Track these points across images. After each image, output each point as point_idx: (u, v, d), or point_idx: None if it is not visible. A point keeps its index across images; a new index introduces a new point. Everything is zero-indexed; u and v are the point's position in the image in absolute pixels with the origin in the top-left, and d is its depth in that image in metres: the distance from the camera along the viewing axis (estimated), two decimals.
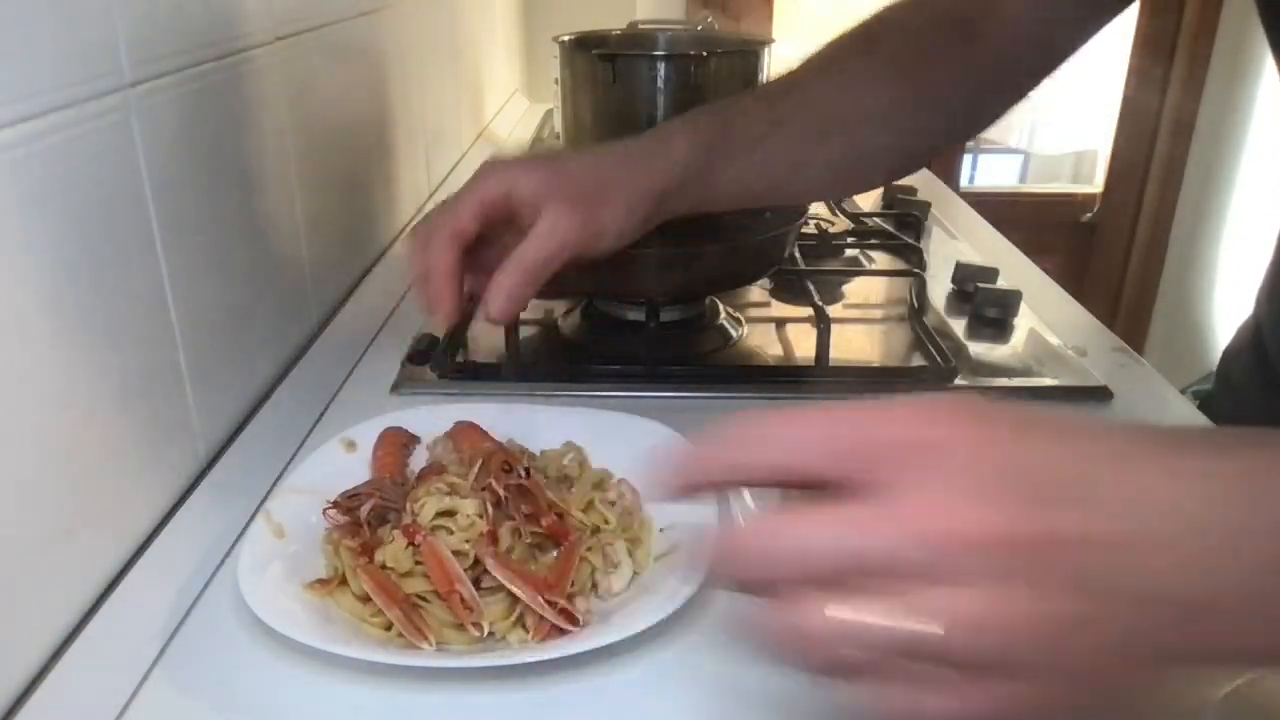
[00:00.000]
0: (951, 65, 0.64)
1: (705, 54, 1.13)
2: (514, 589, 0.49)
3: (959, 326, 0.88)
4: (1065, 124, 2.91)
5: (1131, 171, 2.62)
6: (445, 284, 0.56)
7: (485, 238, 0.57)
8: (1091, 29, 0.64)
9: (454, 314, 0.57)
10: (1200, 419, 0.75)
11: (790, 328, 0.90)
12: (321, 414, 0.73)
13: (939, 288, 0.96)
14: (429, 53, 1.29)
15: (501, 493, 0.53)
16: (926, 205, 1.24)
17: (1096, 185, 2.74)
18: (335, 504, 0.55)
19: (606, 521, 0.55)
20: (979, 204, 1.28)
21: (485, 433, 0.62)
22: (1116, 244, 2.69)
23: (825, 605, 0.29)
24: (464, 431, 0.62)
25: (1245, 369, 0.80)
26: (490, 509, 0.52)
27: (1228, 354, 0.85)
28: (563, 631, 0.48)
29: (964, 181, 2.83)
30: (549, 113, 1.76)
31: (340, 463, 0.61)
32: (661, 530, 0.56)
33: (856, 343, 0.88)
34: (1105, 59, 2.63)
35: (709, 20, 1.44)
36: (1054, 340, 0.85)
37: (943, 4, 0.66)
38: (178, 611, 0.52)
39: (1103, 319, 0.92)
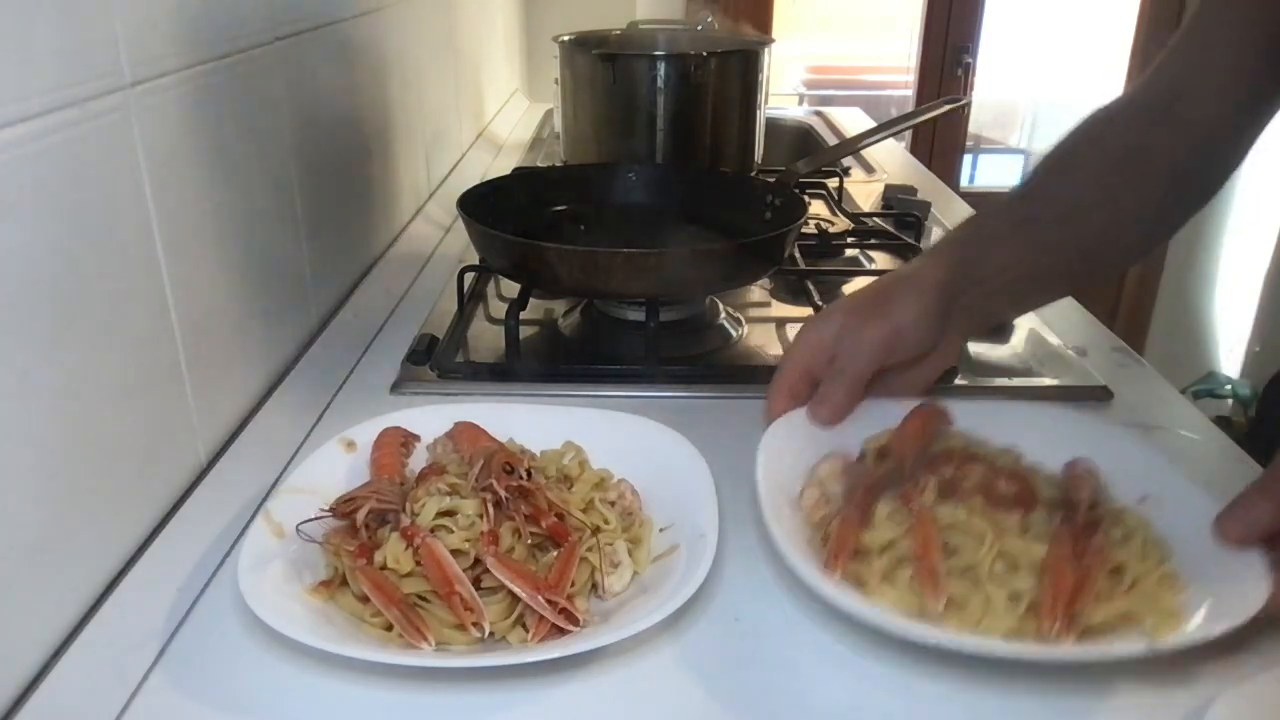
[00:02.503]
0: (1152, 153, 0.66)
1: (705, 54, 1.13)
2: (514, 589, 0.49)
3: None
4: (1066, 123, 2.91)
5: None
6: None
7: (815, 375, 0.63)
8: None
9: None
10: (1200, 418, 0.75)
11: (790, 328, 0.90)
12: (321, 414, 0.73)
13: None
14: (429, 53, 1.29)
15: (502, 493, 0.52)
16: (926, 205, 1.24)
17: None
18: (332, 509, 0.54)
19: (606, 521, 0.55)
20: (979, 203, 1.28)
21: (485, 433, 0.62)
22: None
23: None
24: (464, 431, 0.62)
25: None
26: (490, 509, 0.52)
27: (1274, 381, 0.85)
28: (563, 631, 0.48)
29: (964, 181, 2.83)
30: (549, 113, 1.76)
31: (340, 463, 0.61)
32: (661, 530, 0.56)
33: None
34: (1107, 58, 2.63)
35: (709, 20, 1.44)
36: (1054, 340, 0.85)
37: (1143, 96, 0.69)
38: (178, 611, 0.52)
39: (1103, 319, 0.93)
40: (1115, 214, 0.66)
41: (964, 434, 0.61)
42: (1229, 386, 2.19)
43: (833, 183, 1.28)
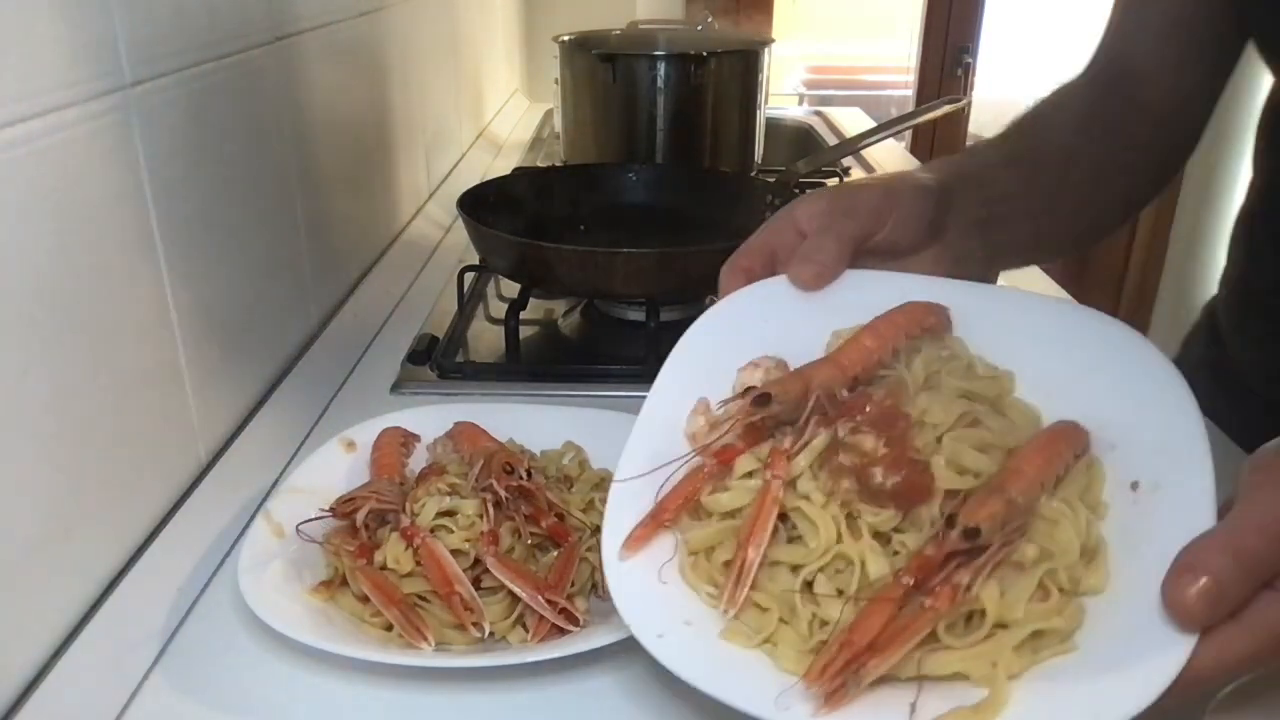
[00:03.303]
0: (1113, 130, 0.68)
1: (705, 54, 1.14)
2: (514, 589, 0.49)
3: None
4: None
5: None
6: None
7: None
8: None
9: None
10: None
11: None
12: (321, 414, 0.73)
13: None
14: (429, 53, 1.29)
15: (502, 493, 0.52)
16: None
17: None
18: (332, 509, 0.54)
19: None
20: None
21: (485, 433, 0.62)
22: (1117, 243, 2.69)
23: None
24: (464, 431, 0.62)
25: (1203, 346, 0.83)
26: (491, 509, 0.52)
27: (1189, 335, 0.88)
28: (563, 631, 0.48)
29: None
30: (549, 113, 1.76)
31: (340, 463, 0.61)
32: None
33: None
34: None
35: (709, 20, 1.44)
36: None
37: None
38: (178, 611, 0.52)
39: None
40: (1086, 170, 0.66)
41: (954, 345, 0.49)
42: None
43: (833, 183, 1.28)
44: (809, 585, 0.41)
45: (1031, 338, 0.49)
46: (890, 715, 0.36)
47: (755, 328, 0.51)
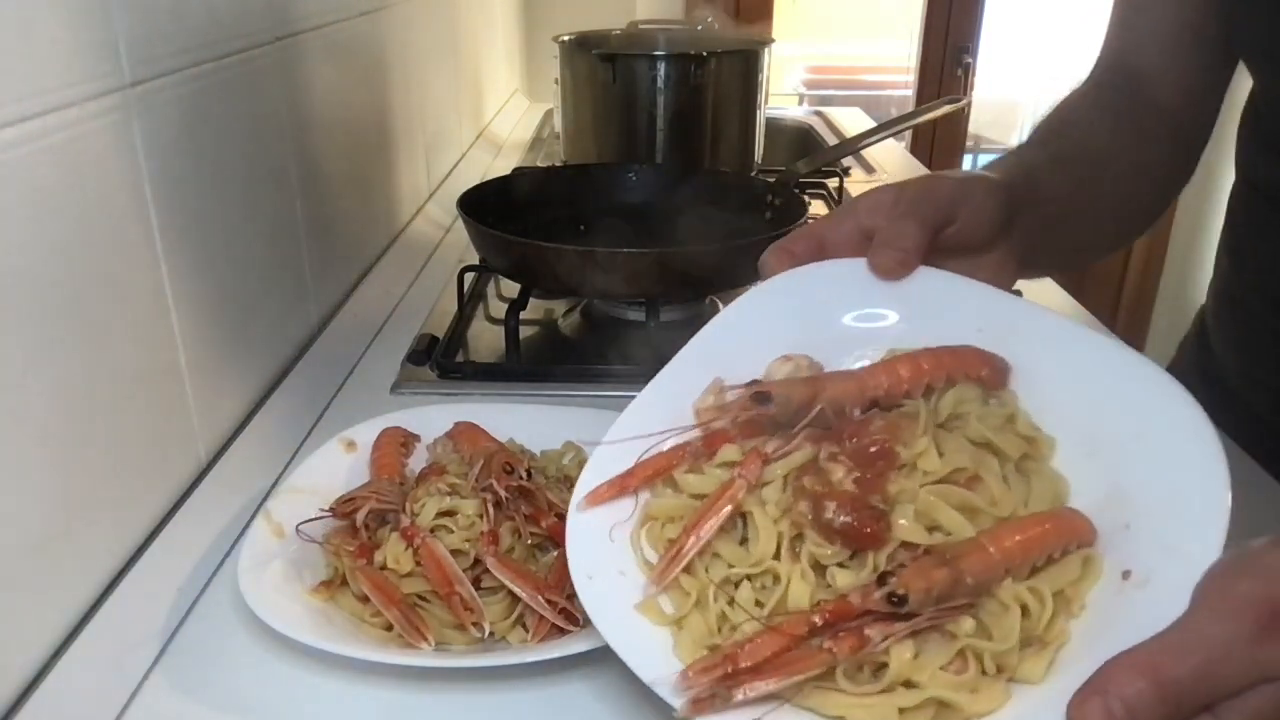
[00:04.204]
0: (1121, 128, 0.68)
1: (705, 54, 1.13)
2: (514, 589, 0.49)
3: None
4: None
5: None
6: None
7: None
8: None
9: None
10: None
11: None
12: (321, 414, 0.73)
13: None
14: (429, 53, 1.29)
15: (502, 493, 0.52)
16: None
17: None
18: (332, 509, 0.54)
19: None
20: None
21: (485, 433, 0.62)
22: None
23: None
24: (464, 431, 0.62)
25: (1194, 350, 0.83)
26: (490, 509, 0.52)
27: (1184, 341, 0.88)
28: (563, 631, 0.48)
29: None
30: (549, 113, 1.76)
31: (340, 463, 0.61)
32: None
33: None
34: None
35: (709, 20, 1.44)
36: None
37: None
38: (178, 611, 0.52)
39: (1103, 319, 0.92)
40: (1122, 169, 0.66)
41: (1005, 397, 0.46)
42: None
43: (833, 183, 1.28)
44: (735, 585, 0.41)
45: (1088, 386, 0.45)
46: None
47: (798, 312, 0.49)
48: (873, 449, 0.42)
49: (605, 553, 0.43)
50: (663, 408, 0.47)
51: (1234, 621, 0.33)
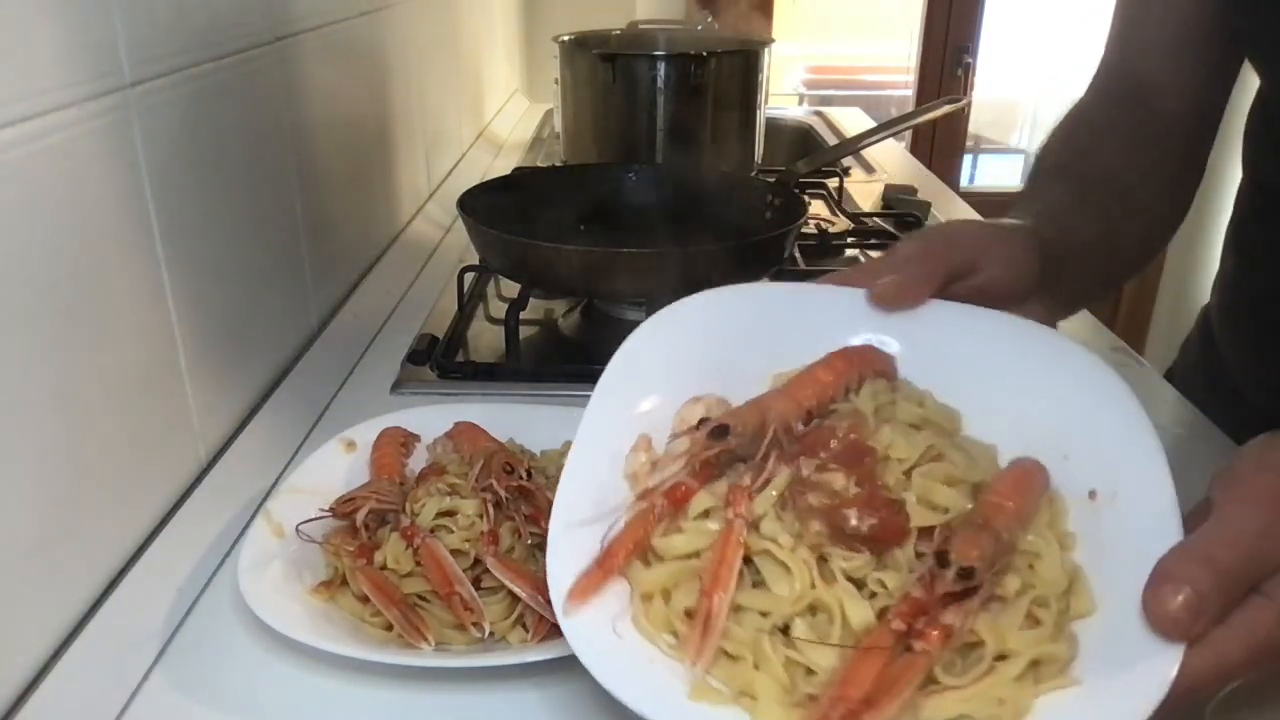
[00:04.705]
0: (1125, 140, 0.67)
1: (705, 54, 1.14)
2: (514, 589, 0.49)
3: None
4: None
5: None
6: None
7: None
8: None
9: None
10: (1201, 419, 0.75)
11: None
12: (321, 414, 0.73)
13: None
14: (429, 53, 1.29)
15: (502, 493, 0.52)
16: (926, 205, 1.23)
17: None
18: (332, 509, 0.54)
19: None
20: (979, 204, 1.28)
21: (485, 433, 0.62)
22: None
23: None
24: (464, 431, 0.62)
25: (1197, 351, 0.83)
26: (490, 509, 0.52)
27: (1186, 340, 0.88)
28: (563, 631, 0.48)
29: (964, 181, 2.83)
30: (549, 113, 1.76)
31: (340, 463, 0.61)
32: None
33: None
34: None
35: (709, 20, 1.44)
36: None
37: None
38: (178, 611, 0.52)
39: (1103, 319, 0.92)
40: (1143, 193, 0.66)
41: (903, 388, 0.48)
42: None
43: (833, 183, 1.28)
44: (783, 631, 0.38)
45: (974, 350, 0.48)
46: None
47: (698, 344, 0.48)
48: (852, 449, 0.42)
49: (619, 651, 0.38)
50: (598, 470, 0.43)
51: (1265, 509, 0.36)
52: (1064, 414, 0.45)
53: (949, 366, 0.48)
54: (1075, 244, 0.57)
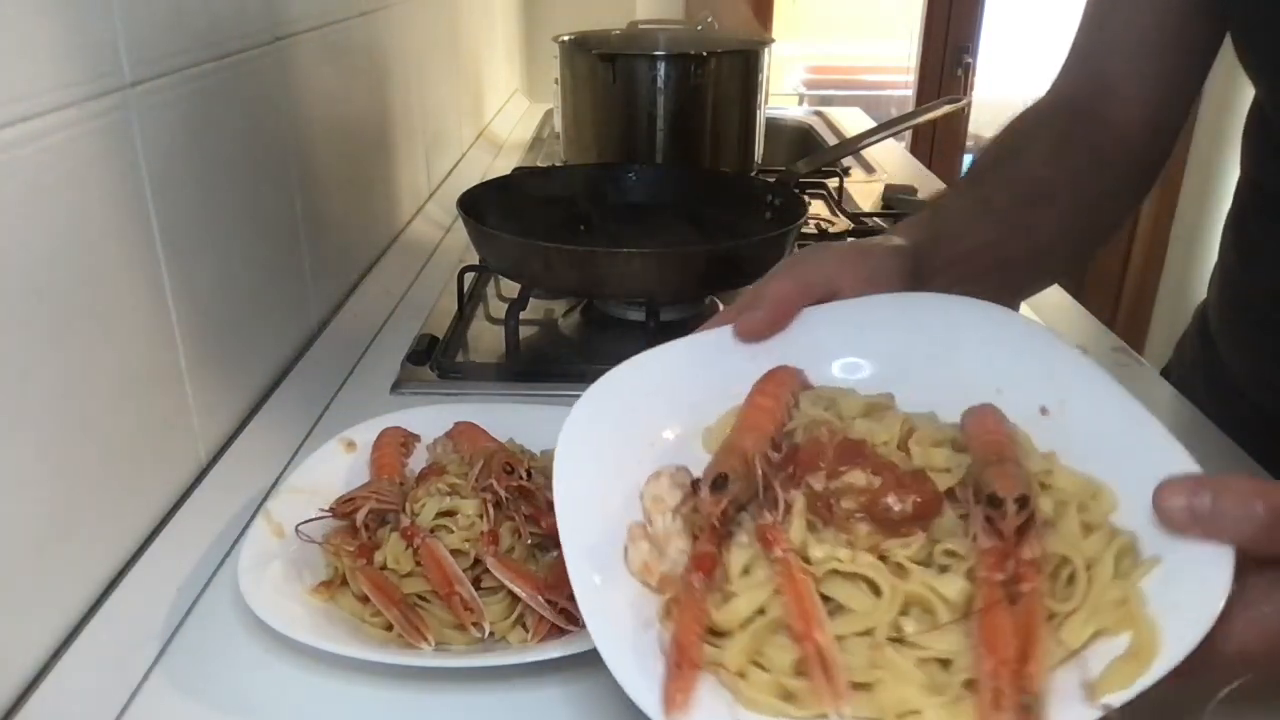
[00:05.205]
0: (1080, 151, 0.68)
1: (705, 54, 1.14)
2: (514, 589, 0.49)
3: None
4: None
5: None
6: None
7: None
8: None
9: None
10: (1201, 419, 0.75)
11: None
12: (321, 414, 0.73)
13: None
14: (429, 53, 1.29)
15: (502, 493, 0.53)
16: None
17: None
18: (332, 509, 0.54)
19: None
20: None
21: (485, 433, 0.62)
22: (1116, 243, 2.69)
23: None
24: (464, 431, 0.62)
25: (1195, 348, 0.83)
26: (490, 509, 0.52)
27: (1183, 337, 0.88)
28: (563, 631, 0.48)
29: None
30: (549, 113, 1.76)
31: (340, 463, 0.61)
32: None
33: None
34: None
35: (709, 20, 1.44)
36: None
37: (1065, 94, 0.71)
38: (178, 611, 0.52)
39: (1103, 319, 0.92)
40: (1063, 202, 0.66)
41: (829, 392, 0.49)
42: None
43: (833, 183, 1.28)
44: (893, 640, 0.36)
45: (874, 338, 0.50)
46: (1066, 705, 0.33)
47: (628, 421, 0.48)
48: (847, 448, 0.42)
49: None
50: (594, 537, 0.41)
51: None
52: (982, 359, 0.47)
53: (870, 357, 0.51)
54: (969, 249, 0.60)
